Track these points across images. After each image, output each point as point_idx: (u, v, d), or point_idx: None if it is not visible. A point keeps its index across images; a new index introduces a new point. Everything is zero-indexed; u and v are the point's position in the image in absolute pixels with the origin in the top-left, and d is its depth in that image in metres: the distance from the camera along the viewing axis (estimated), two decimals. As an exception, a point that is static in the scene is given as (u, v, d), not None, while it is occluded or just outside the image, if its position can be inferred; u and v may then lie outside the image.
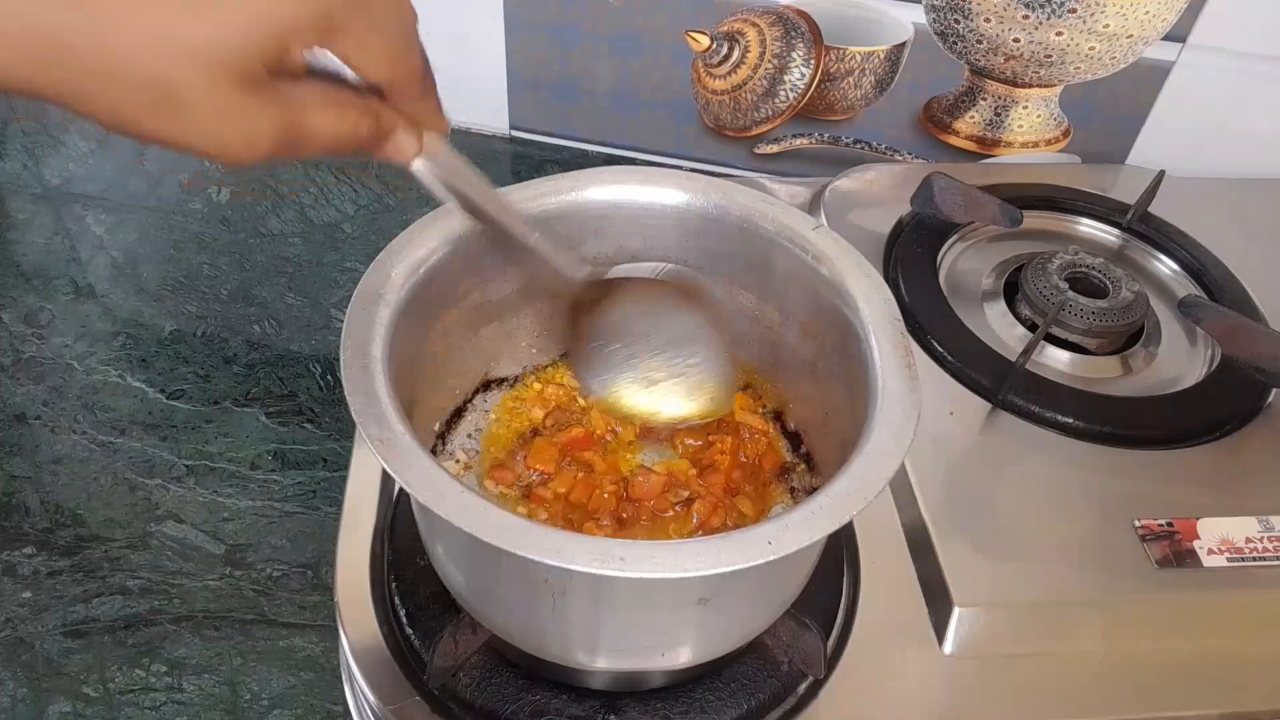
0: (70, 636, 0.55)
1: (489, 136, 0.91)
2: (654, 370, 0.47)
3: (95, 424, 0.66)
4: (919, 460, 0.56)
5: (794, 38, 0.80)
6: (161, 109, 0.30)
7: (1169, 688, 0.49)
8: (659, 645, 0.41)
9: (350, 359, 0.39)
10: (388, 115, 0.36)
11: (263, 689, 0.54)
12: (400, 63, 0.35)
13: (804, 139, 0.87)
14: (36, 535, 0.60)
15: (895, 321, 0.43)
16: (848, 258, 0.45)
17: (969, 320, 0.65)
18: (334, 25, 0.32)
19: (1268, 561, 0.52)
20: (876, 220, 0.72)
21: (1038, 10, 0.75)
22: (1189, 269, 0.71)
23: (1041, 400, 0.59)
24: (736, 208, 0.47)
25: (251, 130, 0.32)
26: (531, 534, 0.34)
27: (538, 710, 0.46)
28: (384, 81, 0.35)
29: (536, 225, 0.43)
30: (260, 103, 0.31)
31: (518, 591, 0.41)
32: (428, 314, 0.44)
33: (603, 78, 0.86)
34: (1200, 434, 0.59)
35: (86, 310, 0.74)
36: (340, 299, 0.75)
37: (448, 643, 0.46)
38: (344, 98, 0.34)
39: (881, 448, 0.38)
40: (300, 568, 0.59)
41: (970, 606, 0.50)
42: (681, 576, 0.34)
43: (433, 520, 0.42)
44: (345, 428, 0.66)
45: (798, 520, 0.35)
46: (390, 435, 0.36)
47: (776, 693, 0.47)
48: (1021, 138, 0.84)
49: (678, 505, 0.47)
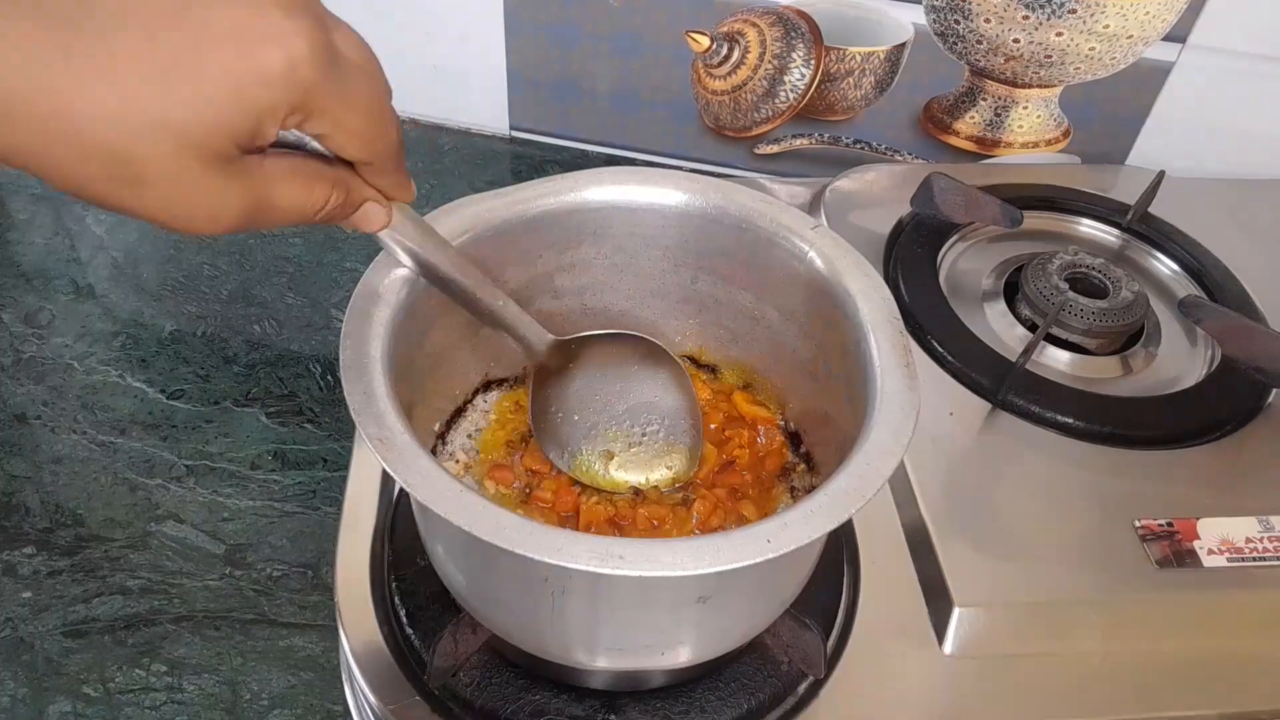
0: (70, 636, 0.55)
1: (489, 136, 0.91)
2: (613, 441, 0.48)
3: (95, 424, 0.66)
4: (919, 460, 0.56)
5: (794, 38, 0.80)
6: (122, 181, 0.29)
7: (1169, 688, 0.49)
8: (659, 644, 0.41)
9: (350, 359, 0.39)
10: (357, 187, 0.35)
11: (263, 689, 0.54)
12: (376, 140, 0.34)
13: (804, 139, 0.87)
14: (36, 535, 0.60)
15: (894, 320, 0.43)
16: (847, 257, 0.45)
17: (969, 320, 0.65)
18: (311, 104, 0.30)
19: (1268, 561, 0.52)
20: (876, 220, 0.72)
21: (1038, 11, 0.75)
22: (1189, 269, 0.72)
23: (1041, 400, 0.59)
24: (736, 208, 0.47)
25: (215, 207, 0.31)
26: (531, 533, 0.34)
27: (538, 710, 0.46)
28: (358, 158, 0.34)
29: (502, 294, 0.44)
30: (227, 179, 0.30)
31: (518, 591, 0.41)
32: (428, 314, 0.44)
33: (603, 78, 0.86)
34: (1200, 434, 0.59)
35: (86, 310, 0.74)
36: (340, 299, 0.75)
37: (448, 643, 0.46)
38: (312, 169, 0.33)
39: (880, 446, 0.38)
40: (300, 568, 0.59)
41: (970, 606, 0.50)
42: (681, 575, 0.34)
43: (432, 520, 0.43)
44: (345, 428, 0.66)
45: (797, 518, 0.35)
46: (390, 435, 0.36)
47: (776, 693, 0.47)
48: (1021, 138, 0.84)
49: (676, 506, 0.47)
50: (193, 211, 0.30)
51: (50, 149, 0.28)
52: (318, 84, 0.30)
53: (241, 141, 0.30)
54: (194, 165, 0.29)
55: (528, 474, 0.48)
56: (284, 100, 0.30)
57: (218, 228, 0.31)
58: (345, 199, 0.35)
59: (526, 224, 0.47)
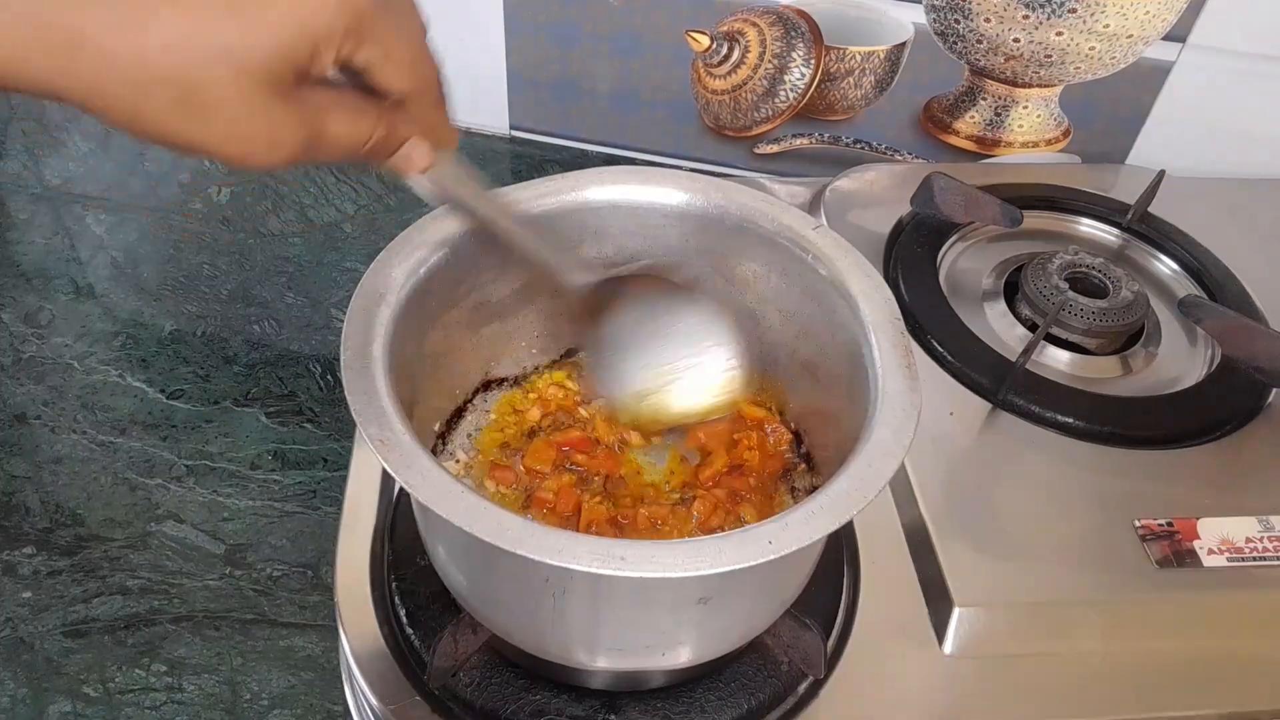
0: (70, 636, 0.55)
1: (489, 136, 0.91)
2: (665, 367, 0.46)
3: (95, 424, 0.66)
4: (919, 460, 0.56)
5: (794, 38, 0.80)
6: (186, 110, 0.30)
7: (1169, 688, 0.49)
8: (659, 645, 0.41)
9: (350, 359, 0.39)
10: (403, 123, 0.36)
11: (263, 689, 0.54)
12: (419, 71, 0.35)
13: (804, 139, 0.87)
14: (36, 535, 0.60)
15: (895, 321, 0.43)
16: (847, 257, 0.45)
17: (969, 320, 0.65)
18: (363, 31, 0.32)
19: (1268, 561, 0.52)
20: (876, 220, 0.72)
21: (1038, 10, 0.75)
22: (1189, 269, 0.71)
23: (1041, 400, 0.59)
24: (736, 207, 0.47)
25: (275, 135, 0.31)
26: (532, 534, 0.34)
27: (538, 710, 0.46)
28: (404, 89, 0.35)
29: (539, 230, 0.43)
30: (285, 108, 0.31)
31: (519, 591, 0.41)
32: (428, 314, 0.44)
33: (603, 78, 0.86)
34: (1200, 434, 0.59)
35: (86, 310, 0.74)
36: (340, 299, 0.75)
37: (448, 643, 0.46)
38: (361, 103, 0.34)
39: (882, 447, 0.38)
40: (300, 568, 0.59)
41: (970, 606, 0.50)
42: (682, 576, 0.34)
43: (433, 521, 0.42)
44: (345, 428, 0.66)
45: (798, 519, 0.35)
46: (390, 435, 0.36)
47: (776, 693, 0.47)
48: (1021, 138, 0.84)
49: (676, 506, 0.47)
50: (254, 140, 0.31)
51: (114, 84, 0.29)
52: (369, 11, 0.31)
53: (300, 68, 0.31)
54: (257, 92, 0.30)
55: (529, 474, 0.48)
56: (340, 26, 0.31)
57: (276, 158, 0.32)
58: (391, 133, 0.35)
59: (526, 225, 0.47)
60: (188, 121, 0.30)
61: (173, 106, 0.30)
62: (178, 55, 0.29)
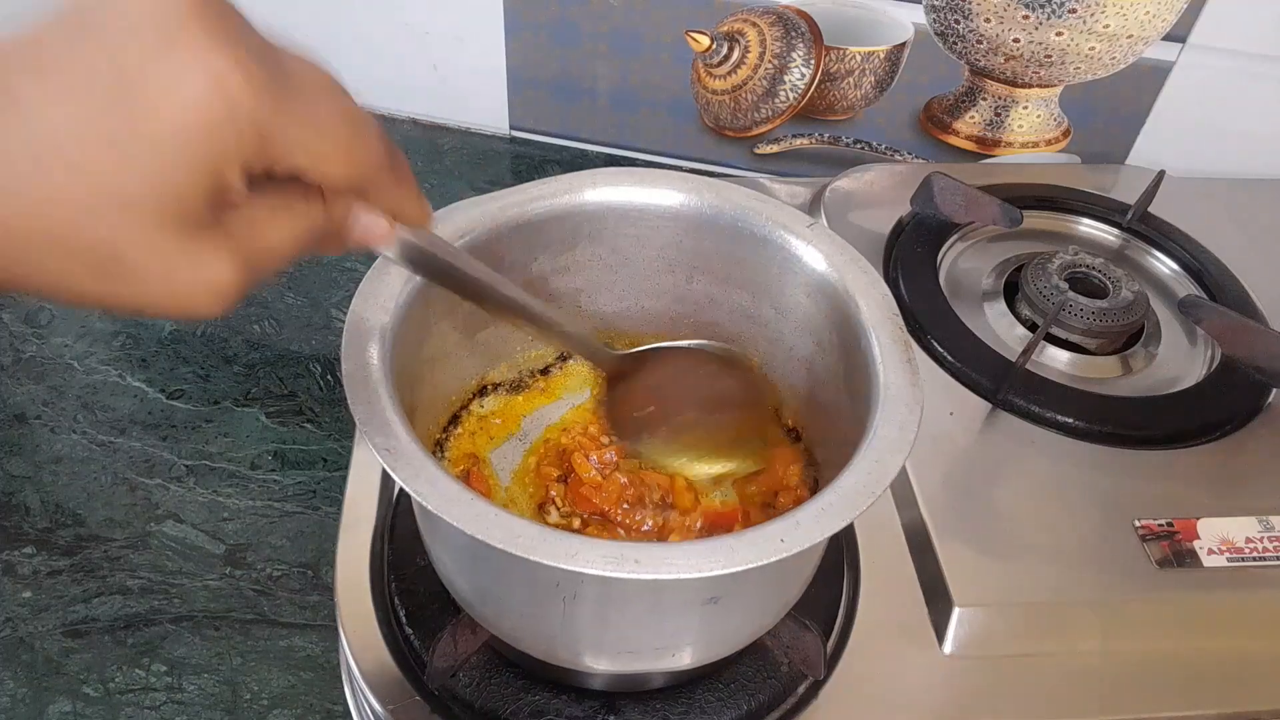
0: (70, 636, 0.55)
1: (489, 136, 0.91)
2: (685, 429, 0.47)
3: (95, 424, 0.66)
4: (919, 460, 0.56)
5: (794, 38, 0.80)
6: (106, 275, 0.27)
7: (1169, 688, 0.49)
8: (669, 647, 0.41)
9: (352, 369, 0.38)
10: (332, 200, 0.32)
11: (263, 689, 0.54)
12: (357, 155, 0.30)
13: (804, 139, 0.87)
14: (36, 535, 0.60)
15: (894, 317, 0.43)
16: (843, 255, 0.45)
17: (969, 320, 0.65)
18: (269, 137, 0.27)
19: (1268, 561, 0.52)
20: (876, 220, 0.72)
21: (1038, 10, 0.75)
22: (1189, 269, 0.71)
23: (1041, 400, 0.59)
24: (731, 207, 0.47)
25: (211, 277, 0.28)
26: (545, 539, 0.33)
27: (537, 710, 0.46)
28: (348, 179, 0.31)
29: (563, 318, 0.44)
30: (213, 244, 0.28)
31: (528, 597, 0.40)
32: (425, 319, 0.44)
33: (603, 78, 0.86)
34: (1200, 434, 0.59)
35: (86, 310, 0.74)
36: (340, 299, 0.75)
37: (447, 643, 0.46)
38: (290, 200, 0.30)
39: (888, 442, 0.38)
40: (300, 568, 0.59)
41: (970, 606, 0.50)
42: (697, 577, 0.33)
43: (438, 527, 0.42)
44: (345, 428, 0.66)
45: (809, 516, 0.35)
46: (396, 444, 0.36)
47: (776, 693, 0.47)
48: (1021, 138, 0.84)
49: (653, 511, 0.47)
50: (193, 288, 0.28)
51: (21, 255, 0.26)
52: (266, 114, 0.27)
53: (211, 197, 0.27)
54: (171, 240, 0.27)
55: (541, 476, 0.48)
56: (236, 142, 0.27)
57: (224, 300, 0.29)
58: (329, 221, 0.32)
59: (522, 228, 0.47)
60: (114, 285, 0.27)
61: (92, 273, 0.26)
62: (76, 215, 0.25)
